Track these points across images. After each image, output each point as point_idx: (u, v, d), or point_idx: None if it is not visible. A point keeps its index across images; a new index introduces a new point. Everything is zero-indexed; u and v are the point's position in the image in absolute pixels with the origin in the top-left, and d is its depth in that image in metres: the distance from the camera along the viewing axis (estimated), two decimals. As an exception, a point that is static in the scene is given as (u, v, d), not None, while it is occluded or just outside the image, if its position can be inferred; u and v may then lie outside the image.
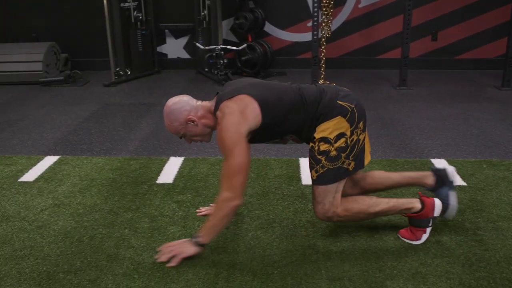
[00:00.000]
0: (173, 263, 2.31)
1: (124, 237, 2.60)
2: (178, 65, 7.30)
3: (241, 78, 2.63)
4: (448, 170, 2.62)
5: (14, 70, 6.48)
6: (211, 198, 3.03)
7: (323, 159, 2.32)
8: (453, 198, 2.56)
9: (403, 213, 2.48)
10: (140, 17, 6.72)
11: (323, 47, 5.85)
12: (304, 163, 3.50)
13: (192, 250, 2.33)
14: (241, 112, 2.23)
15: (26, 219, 2.81)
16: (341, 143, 2.32)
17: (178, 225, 2.71)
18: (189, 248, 2.33)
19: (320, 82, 5.88)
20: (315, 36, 5.79)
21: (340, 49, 6.98)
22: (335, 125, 2.31)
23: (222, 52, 6.24)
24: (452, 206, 2.54)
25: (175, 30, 7.20)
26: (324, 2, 5.69)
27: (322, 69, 5.89)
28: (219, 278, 2.24)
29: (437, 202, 2.47)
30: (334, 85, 2.51)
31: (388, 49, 6.89)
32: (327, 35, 5.83)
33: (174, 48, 7.30)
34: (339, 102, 2.33)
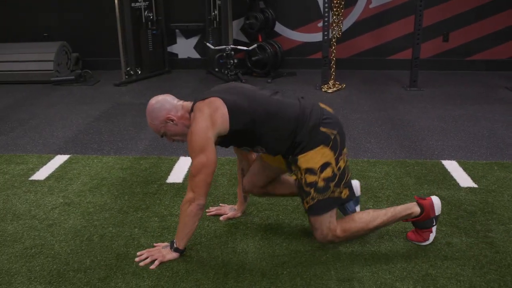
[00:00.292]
0: (153, 267, 2.33)
1: (134, 236, 2.61)
2: (188, 65, 7.31)
3: (229, 82, 2.59)
4: (354, 184, 2.59)
5: (26, 69, 6.53)
6: (221, 198, 3.04)
7: (312, 191, 2.30)
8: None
9: (404, 220, 2.45)
10: (151, 17, 6.74)
11: (334, 48, 5.84)
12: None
13: (171, 256, 2.39)
14: (210, 116, 2.23)
15: (37, 218, 2.83)
16: (328, 173, 2.29)
17: (188, 225, 2.71)
18: (169, 254, 2.38)
19: (330, 83, 5.87)
20: (326, 37, 5.77)
21: (351, 50, 6.96)
22: (319, 155, 2.28)
23: (232, 52, 6.23)
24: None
25: (186, 30, 7.21)
26: (335, 2, 5.68)
27: (332, 70, 5.88)
28: (229, 278, 2.24)
29: (435, 201, 2.44)
30: (318, 105, 2.40)
31: (399, 50, 6.86)
32: (338, 36, 5.82)
33: (185, 48, 7.32)
34: (322, 130, 2.28)
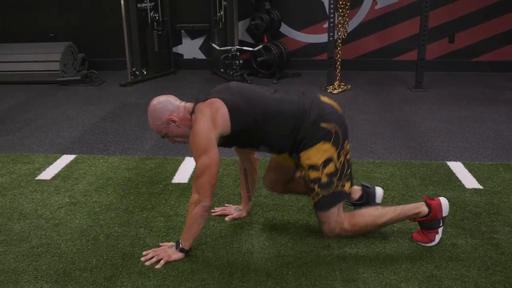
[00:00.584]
0: (159, 266, 2.34)
1: (140, 236, 2.62)
2: (194, 66, 7.33)
3: (229, 82, 2.57)
4: (377, 191, 2.62)
5: (32, 70, 6.57)
6: (226, 198, 3.04)
7: (316, 187, 2.32)
8: None
9: (412, 219, 2.46)
10: (157, 18, 6.76)
11: (339, 49, 5.84)
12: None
13: (177, 256, 2.39)
14: (212, 117, 2.24)
15: (43, 217, 2.85)
16: (330, 169, 2.29)
17: (193, 225, 2.72)
18: (175, 254, 2.39)
19: (336, 84, 5.87)
20: (331, 38, 5.77)
21: (356, 51, 6.95)
22: (321, 151, 2.28)
23: (238, 53, 6.24)
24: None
25: (191, 31, 7.23)
26: (341, 3, 5.68)
27: (338, 71, 5.88)
28: (234, 278, 2.25)
29: (444, 202, 2.44)
30: (317, 99, 2.38)
31: (404, 51, 6.84)
32: (343, 37, 5.82)
33: (190, 49, 7.33)
34: (323, 125, 2.28)
